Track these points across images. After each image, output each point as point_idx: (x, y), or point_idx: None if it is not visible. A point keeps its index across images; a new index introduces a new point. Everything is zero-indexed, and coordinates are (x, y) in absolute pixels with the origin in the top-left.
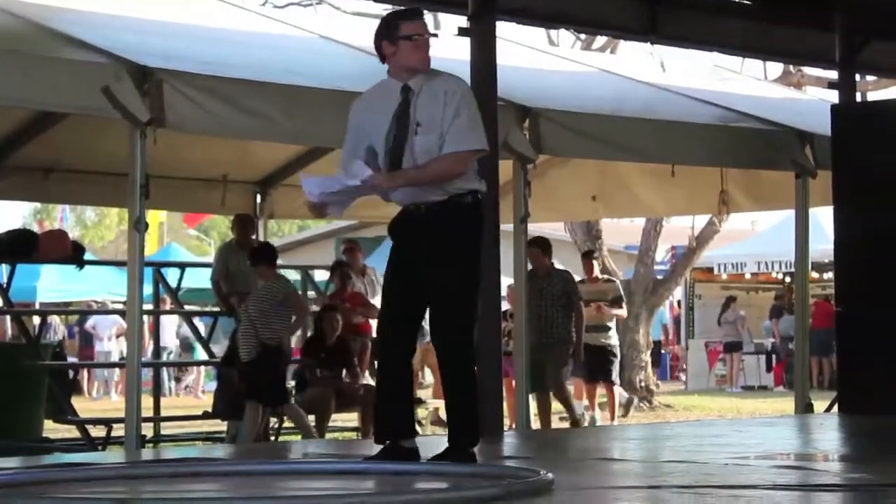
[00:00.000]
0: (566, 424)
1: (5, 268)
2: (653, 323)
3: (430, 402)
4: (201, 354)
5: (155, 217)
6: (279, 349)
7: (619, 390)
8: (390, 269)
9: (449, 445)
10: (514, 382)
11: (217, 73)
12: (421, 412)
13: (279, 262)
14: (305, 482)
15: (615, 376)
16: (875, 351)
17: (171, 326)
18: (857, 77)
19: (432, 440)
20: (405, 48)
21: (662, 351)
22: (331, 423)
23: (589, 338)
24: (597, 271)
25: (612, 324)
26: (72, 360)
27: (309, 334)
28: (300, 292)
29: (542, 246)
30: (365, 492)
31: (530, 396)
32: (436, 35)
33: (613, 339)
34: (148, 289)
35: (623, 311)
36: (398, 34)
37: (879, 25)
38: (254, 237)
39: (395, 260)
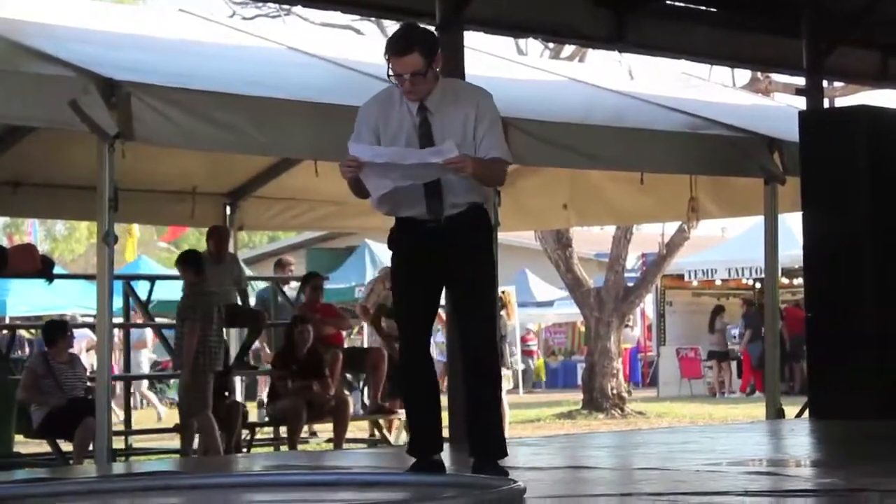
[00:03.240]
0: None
1: None
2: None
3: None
4: None
5: (132, 230)
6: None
7: None
8: (404, 281)
9: (481, 459)
10: None
11: (185, 86)
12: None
13: (249, 273)
14: (277, 494)
15: None
16: (846, 356)
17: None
18: (825, 83)
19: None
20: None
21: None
22: (303, 435)
23: None
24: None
25: None
26: None
27: (280, 346)
28: (271, 303)
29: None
30: (336, 502)
31: None
32: (423, 75)
33: None
34: (118, 302)
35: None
36: (388, 69)
37: (846, 31)
38: (230, 250)
39: (408, 271)
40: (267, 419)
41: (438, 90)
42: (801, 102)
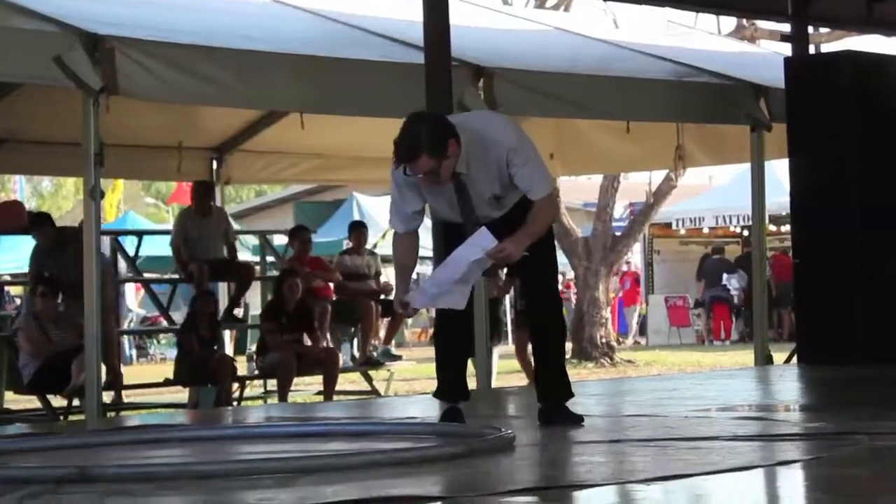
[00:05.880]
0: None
1: None
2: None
3: None
4: None
5: (118, 185)
6: None
7: None
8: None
9: (554, 406)
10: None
11: (169, 40)
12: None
13: (237, 227)
14: (267, 446)
15: None
16: (833, 302)
17: (131, 295)
18: (810, 29)
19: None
20: None
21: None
22: (293, 388)
23: None
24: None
25: None
26: None
27: (269, 298)
28: (258, 258)
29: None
30: (327, 453)
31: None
32: (437, 172)
33: None
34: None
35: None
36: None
37: None
38: (213, 203)
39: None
40: (256, 372)
41: (464, 152)
42: (786, 49)
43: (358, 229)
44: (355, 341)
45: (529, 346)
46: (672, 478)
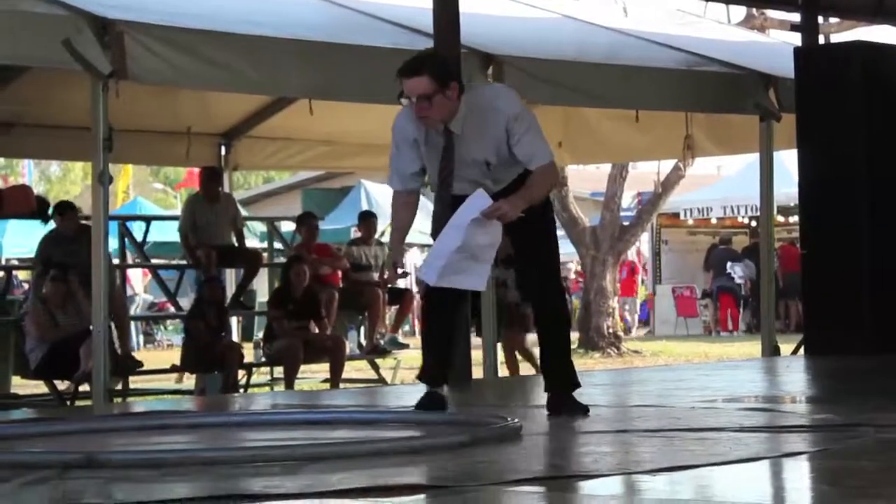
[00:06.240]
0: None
1: None
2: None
3: None
4: None
5: (127, 171)
6: None
7: None
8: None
9: (554, 393)
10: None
11: (179, 24)
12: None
13: (245, 213)
14: (274, 433)
15: None
16: (840, 293)
17: (138, 280)
18: (820, 19)
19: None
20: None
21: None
22: (300, 375)
23: None
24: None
25: None
26: None
27: (276, 285)
28: (266, 244)
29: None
30: (335, 441)
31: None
32: (428, 99)
33: None
34: (114, 243)
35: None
36: (399, 90)
37: None
38: (221, 189)
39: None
40: (263, 359)
41: (462, 112)
42: (796, 39)
43: (367, 219)
44: (362, 329)
45: (518, 346)
46: (678, 468)
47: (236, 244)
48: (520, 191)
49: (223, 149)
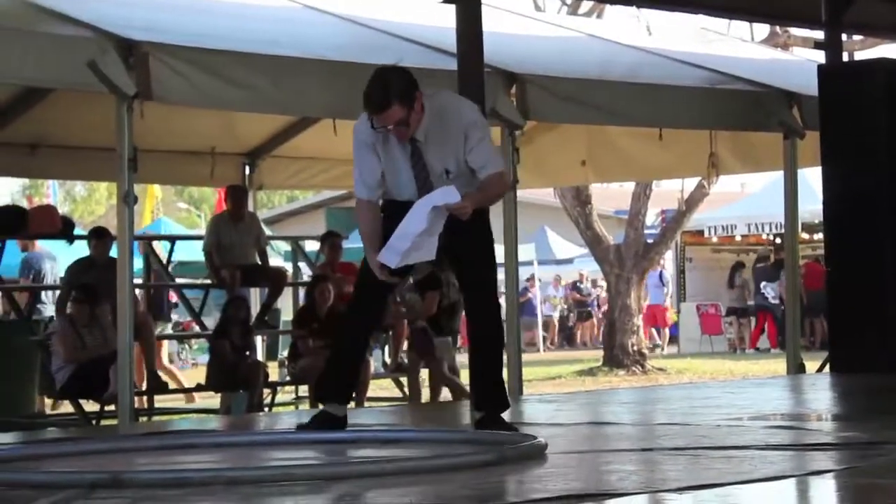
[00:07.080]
0: None
1: None
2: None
3: None
4: None
5: (151, 191)
6: None
7: None
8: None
9: (485, 414)
10: None
11: (203, 45)
12: None
13: (269, 232)
14: (298, 452)
15: None
16: (866, 310)
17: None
18: (844, 37)
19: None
20: None
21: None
22: None
23: None
24: None
25: None
26: None
27: (301, 304)
28: (290, 263)
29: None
30: (357, 459)
31: None
32: (406, 123)
33: None
34: (139, 263)
35: None
36: (370, 122)
37: None
38: (245, 209)
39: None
40: (288, 378)
41: (426, 120)
42: (819, 56)
43: None
44: (386, 348)
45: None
46: (704, 487)
47: (260, 263)
48: (472, 192)
49: (247, 168)
